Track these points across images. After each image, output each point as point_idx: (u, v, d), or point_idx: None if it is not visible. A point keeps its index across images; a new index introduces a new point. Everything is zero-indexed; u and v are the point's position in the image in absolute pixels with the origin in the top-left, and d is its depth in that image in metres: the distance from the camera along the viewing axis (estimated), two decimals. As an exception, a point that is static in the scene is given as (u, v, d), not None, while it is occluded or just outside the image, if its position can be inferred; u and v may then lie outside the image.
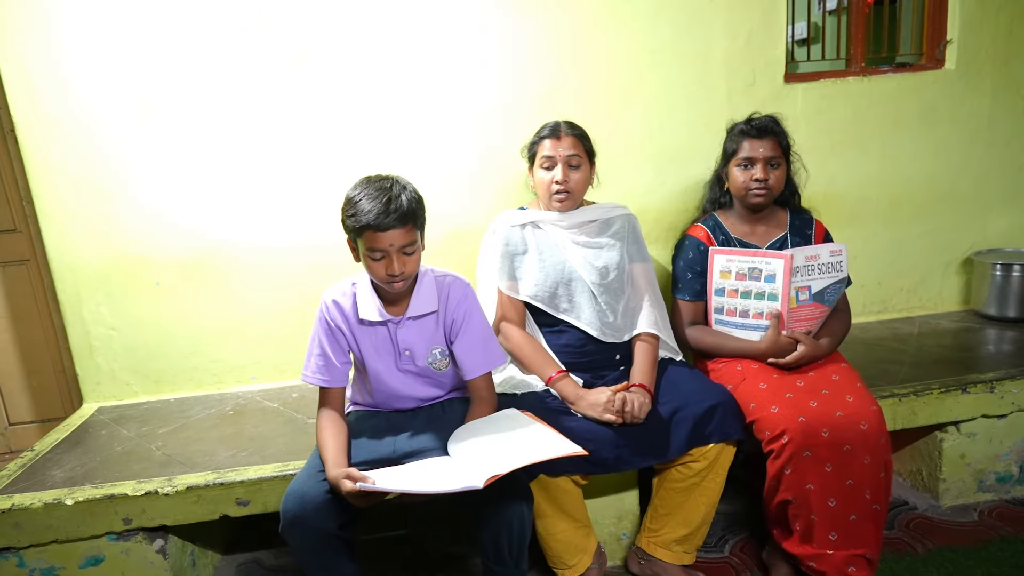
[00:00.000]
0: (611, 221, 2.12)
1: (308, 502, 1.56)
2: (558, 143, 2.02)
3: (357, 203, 1.59)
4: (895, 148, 2.72)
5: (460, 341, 1.78)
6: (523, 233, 2.10)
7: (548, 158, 2.03)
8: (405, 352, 1.77)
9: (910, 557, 2.00)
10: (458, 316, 1.78)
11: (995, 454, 2.25)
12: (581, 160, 2.03)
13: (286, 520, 1.57)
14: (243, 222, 2.46)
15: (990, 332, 2.63)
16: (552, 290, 2.04)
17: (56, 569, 1.87)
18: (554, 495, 1.83)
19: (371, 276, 1.70)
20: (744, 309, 2.03)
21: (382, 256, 1.62)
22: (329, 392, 1.78)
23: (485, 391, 1.81)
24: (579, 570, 1.92)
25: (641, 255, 2.15)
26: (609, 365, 2.04)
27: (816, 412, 1.79)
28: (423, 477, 1.52)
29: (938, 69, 2.71)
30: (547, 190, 2.04)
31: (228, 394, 2.54)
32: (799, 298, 1.99)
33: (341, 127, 2.43)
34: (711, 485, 1.90)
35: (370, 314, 1.72)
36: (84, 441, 2.20)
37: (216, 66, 2.34)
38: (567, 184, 2.01)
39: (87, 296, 2.44)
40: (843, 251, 2.03)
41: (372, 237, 1.59)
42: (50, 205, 2.36)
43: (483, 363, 1.79)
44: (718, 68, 2.55)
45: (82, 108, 2.31)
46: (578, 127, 2.07)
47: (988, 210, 2.85)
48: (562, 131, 2.03)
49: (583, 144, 2.04)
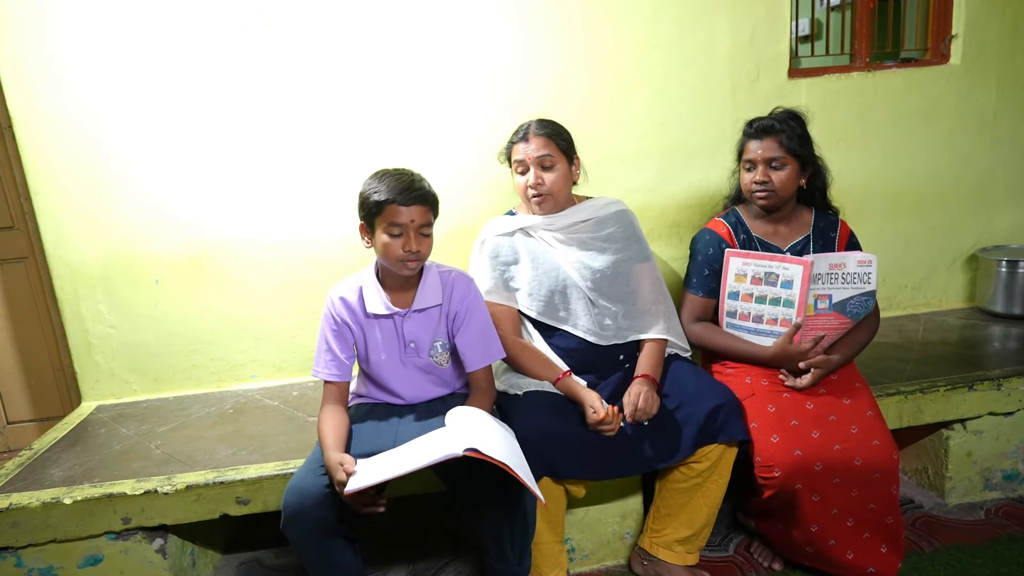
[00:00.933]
0: (605, 220, 2.04)
1: (307, 496, 1.56)
2: (527, 145, 1.95)
3: (381, 181, 1.65)
4: (899, 144, 2.71)
5: (462, 334, 1.79)
6: (512, 241, 2.04)
7: (519, 162, 1.97)
8: (411, 344, 1.78)
9: (916, 556, 1.98)
10: (461, 310, 1.79)
11: (1002, 452, 2.23)
12: (555, 159, 1.95)
13: (287, 515, 1.57)
14: (243, 219, 2.44)
15: (996, 329, 2.61)
16: (547, 299, 1.98)
17: (55, 569, 1.85)
18: (547, 503, 1.78)
19: (385, 259, 1.70)
20: (758, 314, 1.96)
21: (400, 233, 1.64)
22: (334, 386, 1.79)
23: (484, 382, 1.82)
24: None
25: (643, 254, 2.07)
26: (613, 366, 2.01)
27: (815, 444, 1.79)
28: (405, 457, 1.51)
29: (943, 64, 2.69)
30: (524, 194, 1.99)
31: (228, 392, 2.52)
32: (817, 306, 1.91)
33: (343, 123, 2.41)
34: (713, 487, 1.88)
35: (377, 307, 1.74)
36: (83, 440, 2.18)
37: (215, 63, 2.32)
38: (541, 187, 1.95)
39: (86, 293, 2.42)
40: (872, 263, 1.89)
41: (394, 211, 1.63)
42: (48, 202, 2.35)
43: (484, 356, 1.81)
44: (722, 64, 2.53)
45: (79, 104, 2.29)
46: (550, 125, 1.99)
47: (993, 206, 2.83)
48: (531, 133, 1.96)
49: (556, 143, 1.96)
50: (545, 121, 2.00)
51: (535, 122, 1.99)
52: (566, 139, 2.00)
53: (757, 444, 1.82)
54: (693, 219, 2.59)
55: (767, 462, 1.79)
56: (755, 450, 1.82)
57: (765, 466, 1.80)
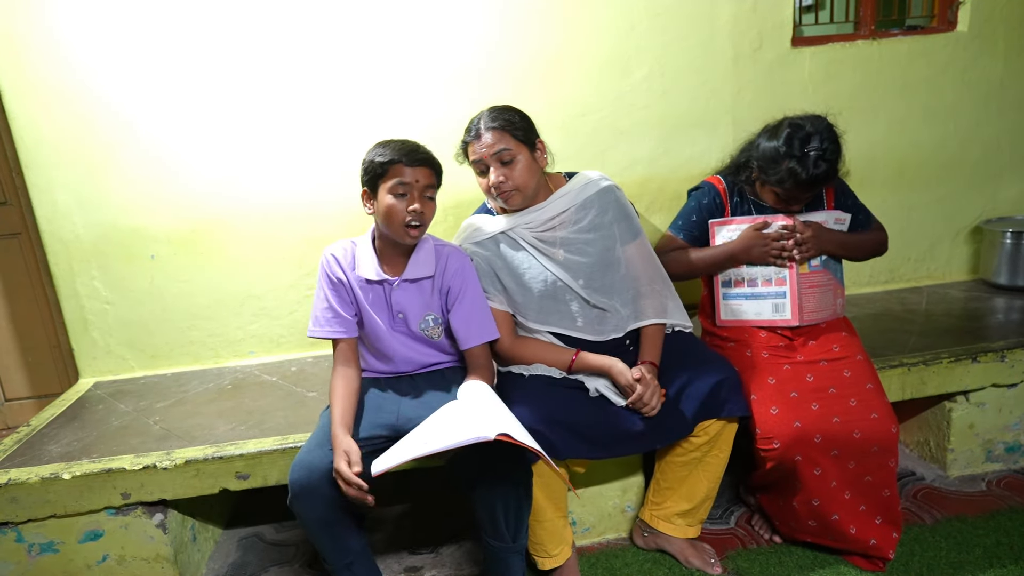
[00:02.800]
0: (586, 206, 1.86)
1: (315, 471, 1.55)
2: (480, 143, 1.77)
3: (385, 146, 1.64)
4: (904, 113, 2.67)
5: (456, 310, 1.76)
6: (492, 247, 1.88)
7: (476, 163, 1.80)
8: (399, 315, 1.75)
9: (918, 528, 1.98)
10: (455, 284, 1.75)
11: (1004, 424, 2.22)
12: (514, 151, 1.76)
13: (294, 490, 1.56)
14: (239, 193, 2.40)
15: (1000, 301, 2.59)
16: (539, 304, 1.86)
17: (55, 544, 1.85)
18: (546, 480, 1.76)
19: (388, 225, 1.65)
20: (752, 278, 1.97)
21: (405, 193, 1.62)
22: (342, 344, 1.75)
23: (482, 358, 1.79)
24: (559, 560, 1.85)
25: (632, 231, 1.91)
26: (619, 351, 1.88)
27: (815, 416, 1.79)
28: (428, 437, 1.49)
29: (950, 31, 2.64)
30: (490, 195, 1.83)
31: (226, 368, 2.50)
32: (811, 264, 1.93)
33: (340, 95, 2.37)
34: (714, 461, 1.87)
35: (367, 272, 1.71)
36: (80, 416, 2.17)
37: (211, 36, 2.27)
38: (504, 184, 1.77)
39: (80, 269, 2.40)
40: (847, 221, 1.97)
41: (399, 171, 1.62)
42: (41, 176, 2.31)
43: (479, 334, 1.77)
44: (724, 32, 2.48)
45: (71, 76, 2.24)
46: (501, 115, 1.78)
47: (999, 177, 2.80)
48: (482, 128, 1.77)
49: (511, 133, 1.76)
50: (496, 110, 1.80)
51: (485, 114, 1.79)
52: (522, 126, 1.79)
53: (757, 416, 1.81)
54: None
55: (767, 434, 1.79)
56: (755, 422, 1.82)
57: (765, 438, 1.79)
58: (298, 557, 2.09)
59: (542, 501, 1.77)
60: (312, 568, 2.02)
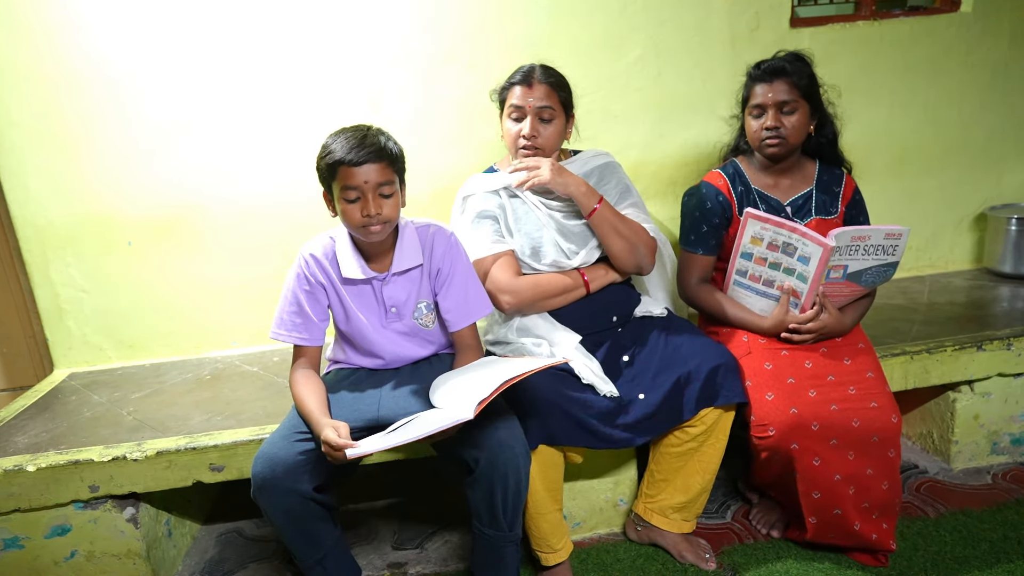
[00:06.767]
0: (590, 174, 1.92)
1: (279, 464, 1.48)
2: (529, 91, 1.79)
3: (335, 140, 1.52)
4: (906, 96, 2.59)
5: (445, 292, 1.69)
6: (497, 199, 1.89)
7: (516, 108, 1.81)
8: (392, 310, 1.68)
9: (921, 522, 1.91)
10: (444, 266, 1.68)
11: (1010, 415, 2.15)
12: (555, 113, 1.81)
13: (256, 483, 1.49)
14: (219, 178, 2.33)
15: (1005, 290, 2.52)
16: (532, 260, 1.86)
17: (20, 539, 1.77)
18: (546, 470, 1.70)
19: (347, 225, 1.58)
20: (769, 279, 1.84)
21: (357, 197, 1.51)
22: (305, 350, 1.68)
23: (471, 339, 1.73)
24: (563, 555, 1.78)
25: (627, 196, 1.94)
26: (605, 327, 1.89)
27: (812, 403, 1.70)
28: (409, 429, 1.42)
29: (953, 12, 2.57)
30: (514, 143, 1.84)
31: (206, 359, 2.43)
32: (830, 275, 1.78)
33: (320, 80, 2.29)
34: (710, 451, 1.80)
35: (353, 272, 1.62)
36: (52, 407, 2.09)
37: (190, 21, 2.19)
38: (536, 139, 1.80)
39: (55, 257, 2.32)
40: (903, 235, 1.75)
41: (346, 173, 1.49)
42: (11, 160, 2.23)
43: (467, 314, 1.71)
44: (720, 11, 2.40)
45: (41, 56, 2.16)
46: (555, 74, 1.84)
47: (1003, 162, 2.72)
48: (535, 78, 1.80)
49: (558, 94, 1.82)
50: (550, 69, 1.84)
51: (540, 67, 1.82)
52: (568, 92, 1.86)
53: (752, 402, 1.74)
54: (690, 177, 2.48)
55: (762, 420, 1.71)
56: (750, 409, 1.74)
57: (759, 425, 1.72)
58: (278, 553, 2.01)
59: (541, 494, 1.71)
60: (292, 565, 1.94)
